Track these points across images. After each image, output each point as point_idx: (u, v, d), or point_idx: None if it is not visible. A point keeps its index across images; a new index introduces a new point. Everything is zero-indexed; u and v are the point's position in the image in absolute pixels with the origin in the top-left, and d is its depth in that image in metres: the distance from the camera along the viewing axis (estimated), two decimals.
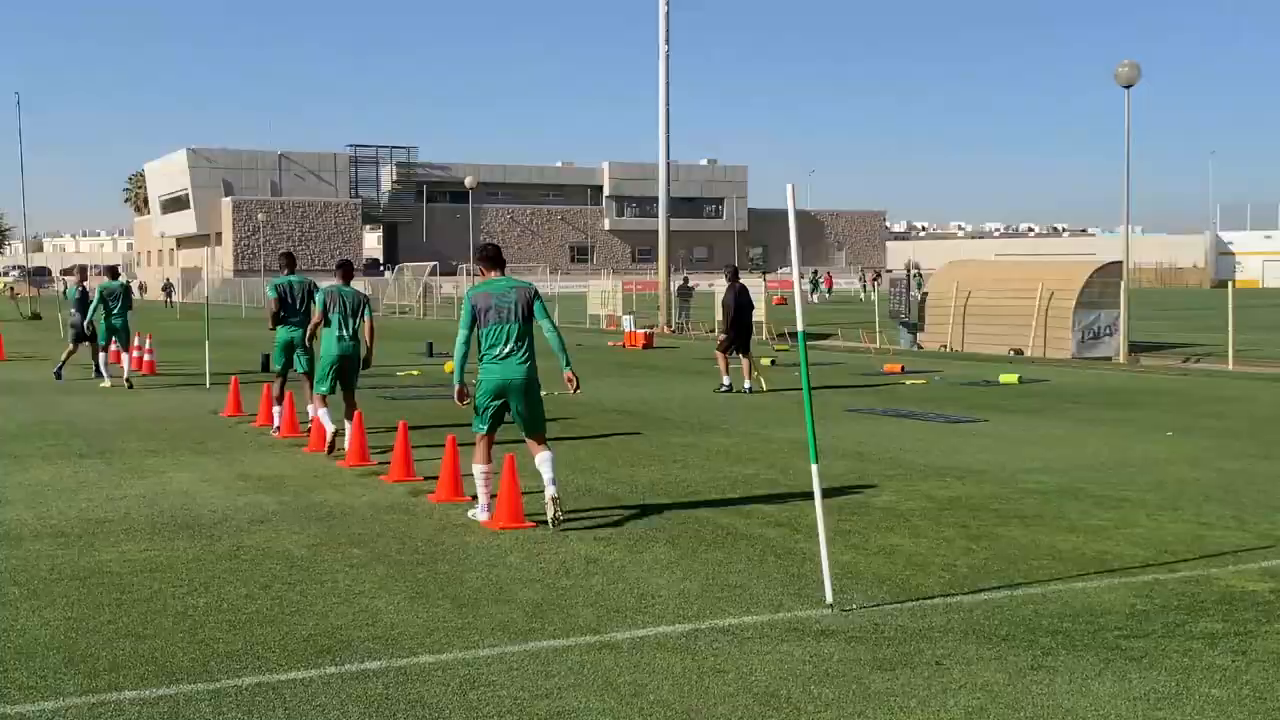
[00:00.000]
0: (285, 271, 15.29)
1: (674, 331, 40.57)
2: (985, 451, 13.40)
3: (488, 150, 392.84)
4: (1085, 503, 10.41)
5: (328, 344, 13.12)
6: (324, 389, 13.36)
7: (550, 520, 9.28)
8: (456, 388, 9.53)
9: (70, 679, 5.92)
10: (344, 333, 13.15)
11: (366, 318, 13.31)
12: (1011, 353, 28.86)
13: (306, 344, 14.74)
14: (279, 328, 14.97)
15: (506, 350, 9.40)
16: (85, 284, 24.38)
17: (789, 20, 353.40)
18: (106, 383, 21.52)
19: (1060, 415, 16.82)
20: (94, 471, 12.18)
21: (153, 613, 7.07)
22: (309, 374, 14.29)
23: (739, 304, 20.53)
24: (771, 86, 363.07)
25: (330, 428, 13.15)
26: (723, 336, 20.80)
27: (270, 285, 15.11)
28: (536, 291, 9.69)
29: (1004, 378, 22.12)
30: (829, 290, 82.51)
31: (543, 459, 9.38)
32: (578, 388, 9.74)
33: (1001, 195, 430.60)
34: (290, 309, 14.98)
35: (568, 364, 9.65)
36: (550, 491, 9.31)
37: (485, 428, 9.57)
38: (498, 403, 9.46)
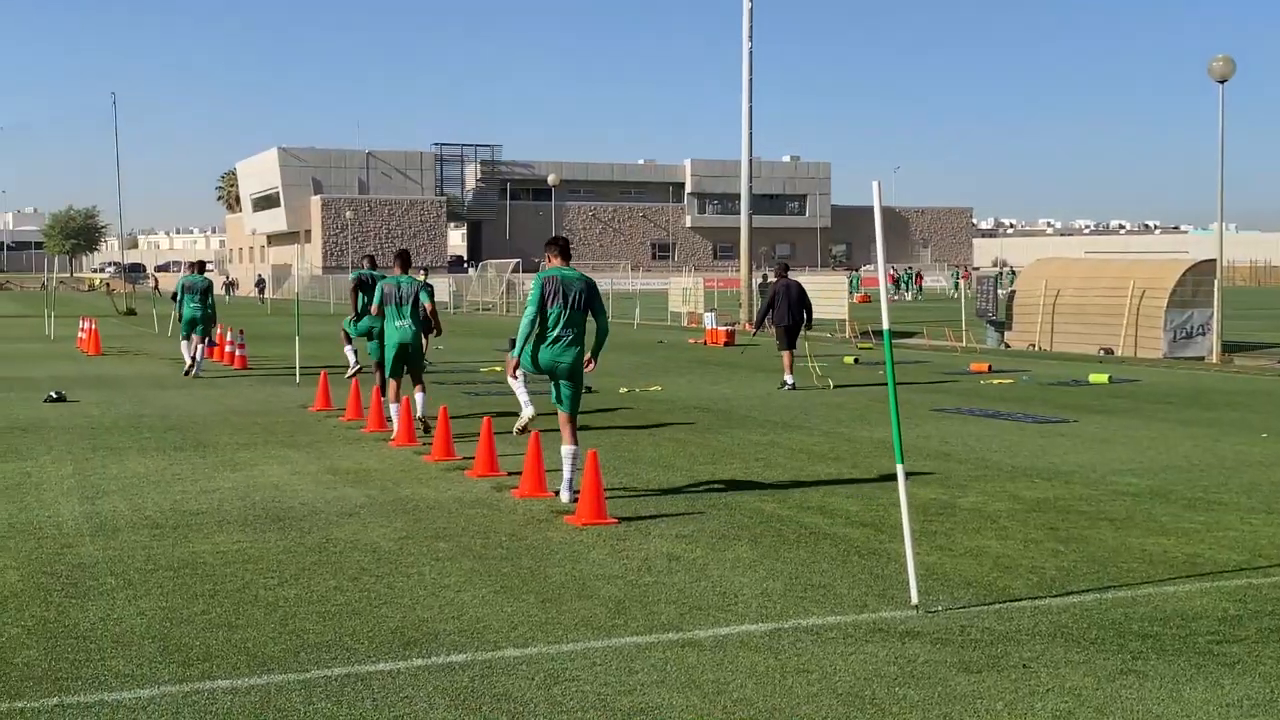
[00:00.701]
0: (398, 270, 14.78)
1: (755, 329, 40.43)
2: (1074, 452, 13.20)
3: (570, 148, 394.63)
4: (1176, 505, 10.22)
5: (389, 333, 13.92)
6: (391, 375, 14.45)
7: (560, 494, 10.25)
8: (513, 360, 10.29)
9: (165, 668, 6.06)
10: (403, 321, 14.14)
11: (425, 302, 14.37)
12: (1101, 352, 28.38)
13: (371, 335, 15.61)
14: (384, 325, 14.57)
15: (563, 335, 10.10)
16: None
17: (872, 14, 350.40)
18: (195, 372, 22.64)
19: (1151, 416, 16.52)
20: (188, 464, 12.44)
21: (245, 603, 7.21)
22: (379, 364, 15.00)
23: (773, 296, 20.98)
24: (855, 82, 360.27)
25: (415, 411, 13.78)
26: (770, 330, 21.43)
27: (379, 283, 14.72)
28: (597, 288, 10.41)
29: (1094, 377, 21.76)
30: (920, 289, 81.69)
31: (568, 452, 10.20)
32: (593, 367, 10.40)
33: (1092, 191, 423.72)
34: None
35: (596, 353, 10.37)
36: (565, 496, 10.15)
37: (528, 369, 10.34)
38: (553, 382, 10.30)
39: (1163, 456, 12.91)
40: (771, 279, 23.66)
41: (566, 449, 10.23)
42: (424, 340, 14.56)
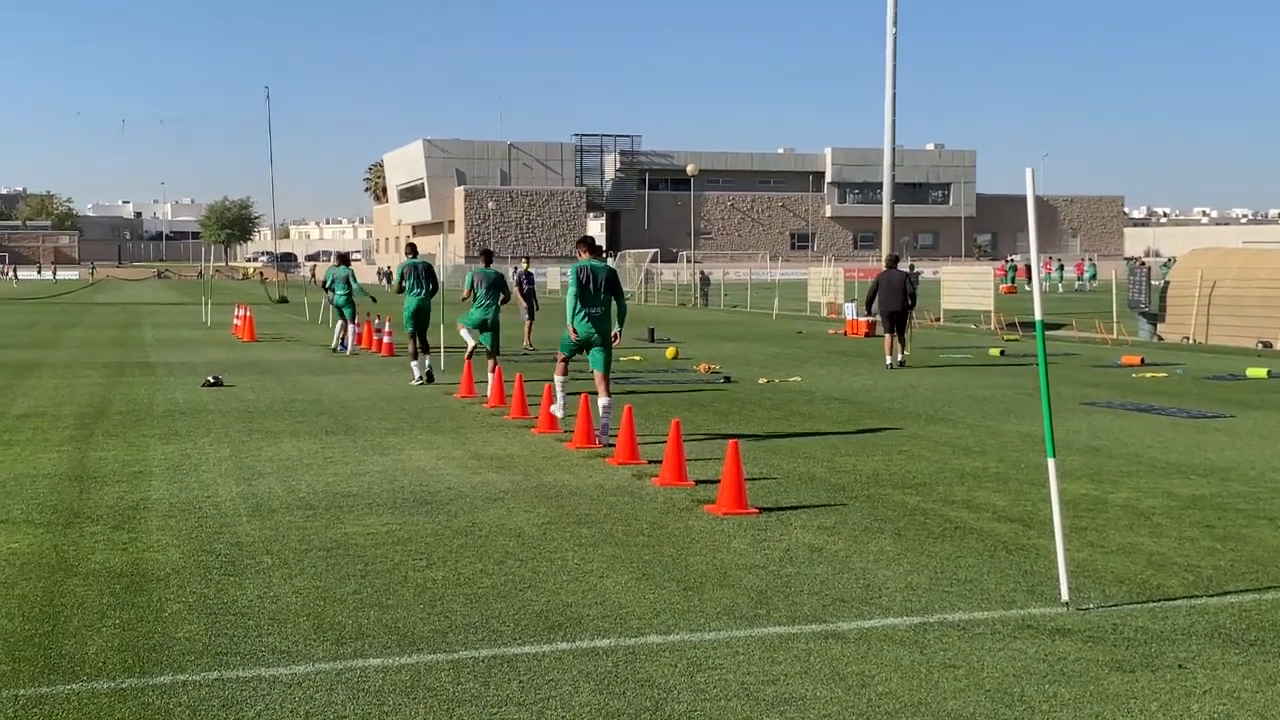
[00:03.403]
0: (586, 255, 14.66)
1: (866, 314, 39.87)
2: (1231, 448, 12.75)
3: (709, 137, 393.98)
4: None
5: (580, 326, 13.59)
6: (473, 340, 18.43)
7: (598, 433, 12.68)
8: (571, 327, 13.14)
9: (319, 645, 6.24)
10: (486, 302, 18.16)
11: (505, 290, 18.35)
12: (1259, 345, 27.33)
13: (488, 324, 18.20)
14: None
15: (597, 312, 13.11)
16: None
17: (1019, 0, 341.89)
18: (346, 351, 25.51)
19: None
20: (339, 448, 12.78)
21: (394, 584, 7.39)
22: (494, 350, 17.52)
23: (876, 286, 22.53)
24: (1002, 68, 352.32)
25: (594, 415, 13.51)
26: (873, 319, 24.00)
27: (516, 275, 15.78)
28: (617, 276, 13.50)
29: (1251, 371, 20.97)
30: (1079, 278, 79.72)
31: (605, 404, 12.90)
32: (619, 339, 13.46)
33: (1249, 179, 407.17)
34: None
35: (620, 325, 13.44)
36: (603, 440, 12.55)
37: (567, 353, 13.57)
38: (582, 347, 13.24)
39: None
40: (916, 270, 24.44)
41: (603, 400, 12.92)
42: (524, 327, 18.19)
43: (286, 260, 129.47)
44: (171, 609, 6.87)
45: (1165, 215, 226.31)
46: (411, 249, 21.39)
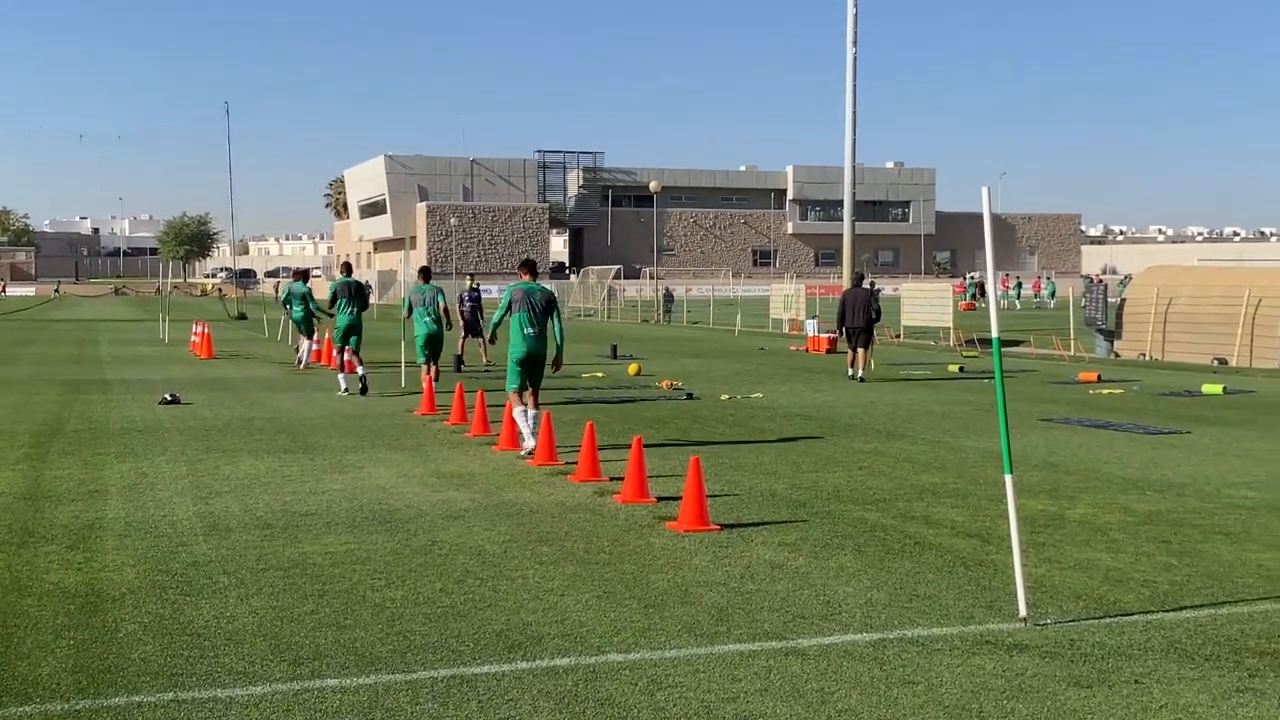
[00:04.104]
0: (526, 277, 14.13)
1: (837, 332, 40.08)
2: (1187, 464, 12.88)
3: (672, 155, 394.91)
4: None
5: (517, 341, 13.69)
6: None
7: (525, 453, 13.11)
8: (491, 333, 14.24)
9: (276, 665, 6.18)
10: (428, 318, 19.60)
11: (441, 302, 19.80)
12: (1215, 362, 27.65)
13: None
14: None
15: (533, 332, 13.40)
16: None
17: (979, 18, 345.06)
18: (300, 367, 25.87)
19: (1268, 428, 16.05)
20: (297, 466, 12.69)
21: (353, 603, 7.33)
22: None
23: (843, 304, 23.72)
24: (961, 87, 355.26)
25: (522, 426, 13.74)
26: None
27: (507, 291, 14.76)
28: (555, 297, 13.84)
29: (1207, 388, 21.21)
30: (1036, 295, 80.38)
31: (534, 414, 13.31)
32: (558, 369, 13.78)
33: (1205, 198, 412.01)
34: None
35: (559, 350, 13.56)
36: (529, 445, 13.06)
37: (518, 385, 13.50)
38: (523, 366, 13.40)
39: None
40: (876, 287, 25.34)
41: (532, 411, 13.38)
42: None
43: (246, 276, 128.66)
44: (127, 629, 6.79)
45: (1122, 233, 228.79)
46: (346, 268, 21.98)
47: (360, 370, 20.25)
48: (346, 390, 20.10)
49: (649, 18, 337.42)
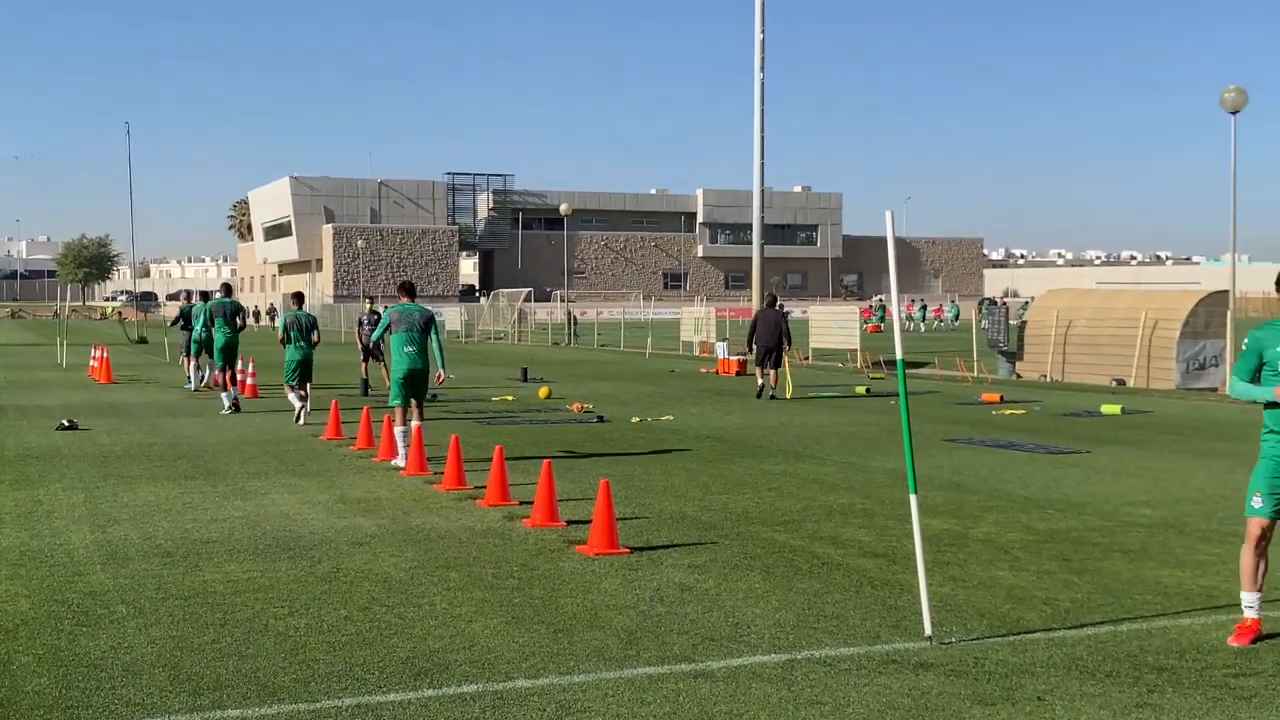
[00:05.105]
0: (404, 299, 15.03)
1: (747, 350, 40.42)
2: (1087, 483, 13.15)
3: (583, 177, 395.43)
4: (1191, 537, 10.17)
5: (400, 361, 14.69)
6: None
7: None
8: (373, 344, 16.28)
9: (176, 697, 6.04)
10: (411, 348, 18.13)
11: (315, 335, 20.23)
12: (1113, 383, 28.31)
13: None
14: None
15: (413, 350, 14.32)
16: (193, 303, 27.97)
17: (885, 46, 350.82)
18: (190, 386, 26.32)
19: (1164, 448, 16.46)
20: (198, 493, 12.45)
21: (255, 632, 7.20)
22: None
23: (754, 324, 24.95)
24: (867, 113, 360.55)
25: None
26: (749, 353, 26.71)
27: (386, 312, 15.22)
28: (433, 316, 14.79)
29: (1106, 408, 21.70)
30: (939, 320, 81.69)
31: (414, 428, 14.06)
32: (442, 381, 14.95)
33: (1103, 222, 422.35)
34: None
35: (442, 366, 14.52)
36: (402, 460, 14.07)
37: (401, 401, 14.39)
38: (405, 383, 14.29)
39: (1177, 488, 12.85)
40: (784, 309, 26.28)
41: (414, 424, 14.16)
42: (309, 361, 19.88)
43: (146, 300, 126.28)
44: (20, 661, 6.60)
45: (1023, 257, 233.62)
46: (298, 298, 21.60)
47: (233, 390, 21.19)
48: (231, 409, 20.83)
49: (558, 39, 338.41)
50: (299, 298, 21.38)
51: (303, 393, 19.60)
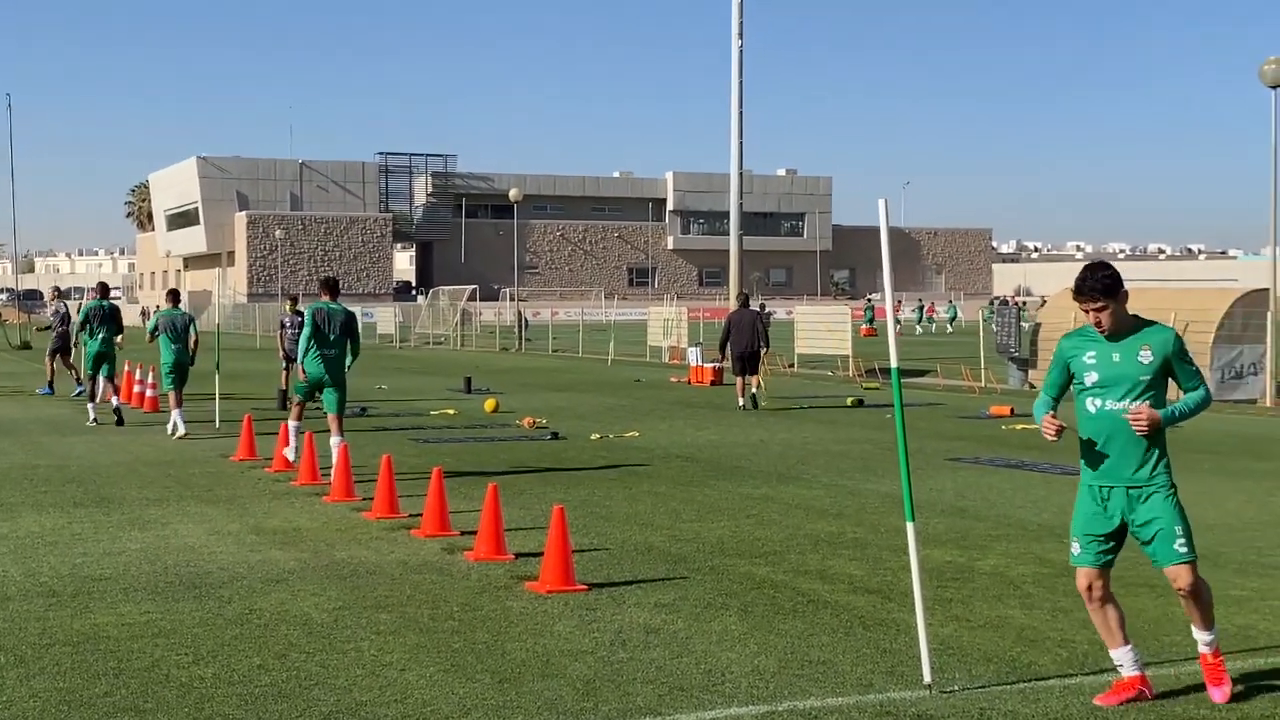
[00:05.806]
0: (326, 297, 15.81)
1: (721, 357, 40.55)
2: None
3: (535, 158, 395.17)
4: (1226, 570, 10.26)
5: (313, 362, 15.60)
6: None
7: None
8: (301, 366, 15.38)
9: None
10: (177, 344, 20.23)
11: (193, 334, 20.68)
12: None
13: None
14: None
15: (331, 354, 15.26)
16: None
17: (880, 14, 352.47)
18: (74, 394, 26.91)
19: (1195, 468, 16.60)
20: (90, 522, 12.38)
21: (154, 684, 7.17)
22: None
23: (728, 327, 24.67)
24: (861, 89, 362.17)
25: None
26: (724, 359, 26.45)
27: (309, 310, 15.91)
28: (354, 316, 15.71)
29: None
30: (931, 319, 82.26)
31: (335, 443, 14.58)
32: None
33: (1127, 211, 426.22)
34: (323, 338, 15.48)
35: (350, 364, 15.54)
36: (291, 456, 15.47)
37: (303, 397, 15.85)
38: (316, 388, 15.42)
39: (1210, 513, 12.97)
40: (768, 310, 25.93)
41: (335, 439, 14.71)
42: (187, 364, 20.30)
43: (30, 299, 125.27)
44: None
45: (1036, 250, 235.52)
46: (173, 296, 21.99)
47: (115, 401, 21.79)
48: (96, 420, 21.33)
49: (508, 3, 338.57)
50: (174, 296, 21.77)
51: (108, 389, 21.23)
